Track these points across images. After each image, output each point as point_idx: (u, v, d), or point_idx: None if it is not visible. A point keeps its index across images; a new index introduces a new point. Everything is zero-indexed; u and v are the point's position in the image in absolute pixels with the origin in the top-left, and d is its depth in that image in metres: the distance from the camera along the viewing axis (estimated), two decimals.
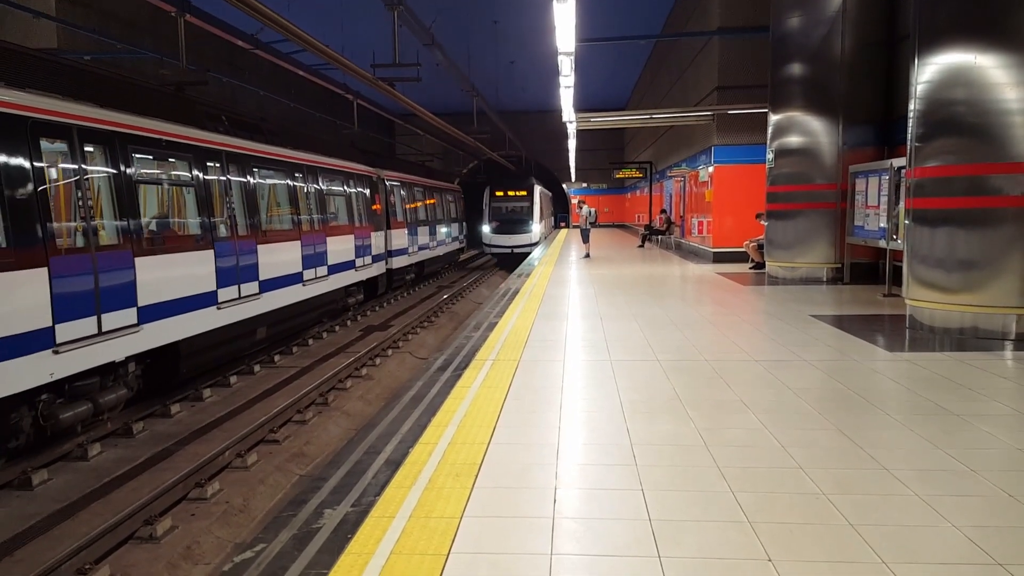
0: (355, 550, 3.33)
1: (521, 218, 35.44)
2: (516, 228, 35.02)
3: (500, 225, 35.39)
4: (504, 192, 36.54)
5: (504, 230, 35.13)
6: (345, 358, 12.66)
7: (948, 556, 3.24)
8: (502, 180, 38.05)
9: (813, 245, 14.36)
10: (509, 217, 35.53)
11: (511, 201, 36.22)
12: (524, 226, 35.06)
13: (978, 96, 8.20)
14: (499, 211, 35.96)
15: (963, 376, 6.60)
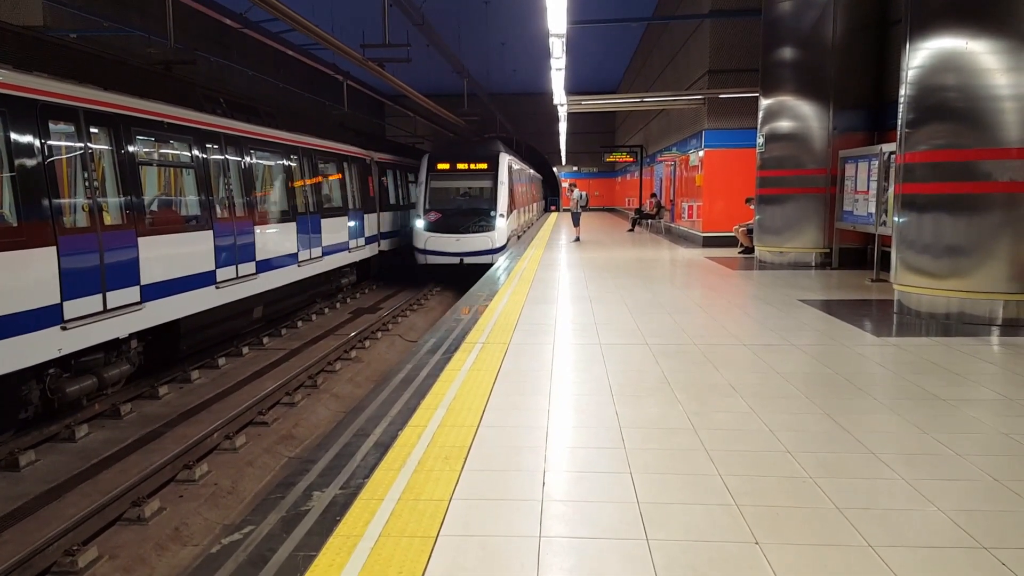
0: (344, 532, 3.33)
1: (477, 207, 20.43)
2: (468, 224, 19.94)
3: (442, 219, 19.98)
4: (451, 165, 21.10)
5: (447, 226, 19.85)
6: (335, 340, 12.65)
7: (934, 539, 3.27)
8: (449, 148, 23.18)
9: (802, 230, 14.40)
10: (457, 205, 20.65)
11: (462, 179, 21.18)
12: (481, 221, 19.99)
13: (969, 82, 8.21)
14: (442, 195, 20.78)
15: (950, 361, 6.65)
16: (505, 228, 20.02)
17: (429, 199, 20.14)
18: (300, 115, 17.35)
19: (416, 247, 19.66)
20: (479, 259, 19.00)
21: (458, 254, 19.33)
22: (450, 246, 19.30)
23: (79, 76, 8.25)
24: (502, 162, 20.84)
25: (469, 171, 20.86)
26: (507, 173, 20.94)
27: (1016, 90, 7.96)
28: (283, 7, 11.34)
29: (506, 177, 20.74)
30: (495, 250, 19.28)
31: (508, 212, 20.62)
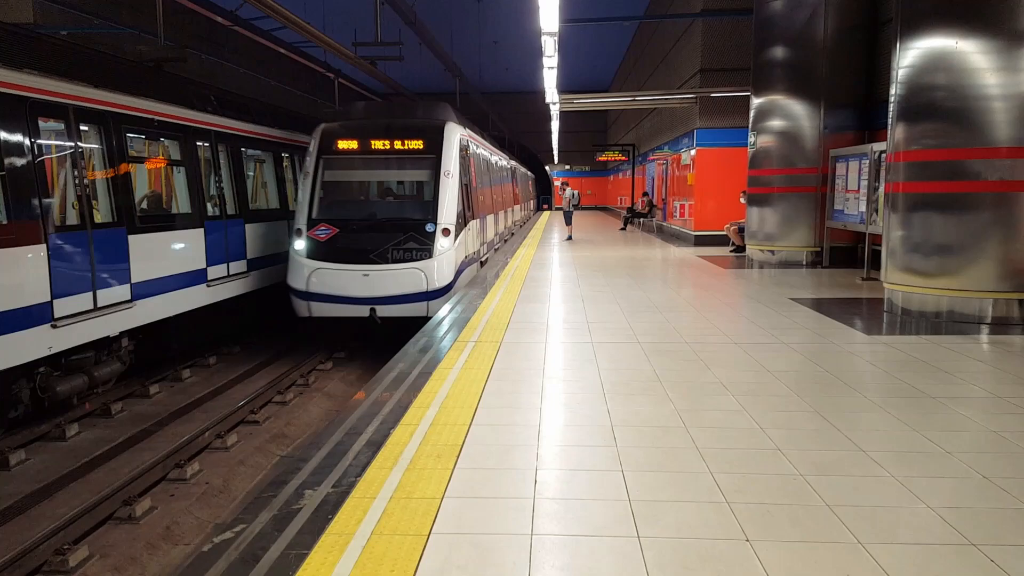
0: (336, 530, 3.33)
1: (403, 217, 11.84)
2: (385, 247, 11.21)
3: (339, 238, 11.36)
4: (361, 144, 12.29)
5: (348, 251, 11.24)
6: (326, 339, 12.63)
7: (923, 536, 3.29)
8: (360, 115, 13.11)
9: (793, 229, 14.45)
10: (367, 214, 11.96)
11: (379, 167, 12.57)
12: (410, 241, 11.32)
13: (959, 81, 8.25)
14: (342, 196, 12.44)
15: (940, 359, 6.68)
16: (452, 253, 11.29)
17: (318, 202, 11.55)
18: (291, 112, 15.29)
19: (293, 287, 10.96)
20: (404, 310, 10.91)
21: (367, 300, 10.81)
22: (353, 286, 10.79)
23: (68, 72, 8.19)
24: (450, 139, 12.08)
25: (391, 154, 12.07)
26: (458, 157, 12.14)
27: (1005, 89, 8.01)
28: (275, 4, 11.31)
29: (455, 164, 11.94)
30: (433, 293, 10.93)
31: (460, 223, 11.98)
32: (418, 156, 12.03)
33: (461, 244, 12.07)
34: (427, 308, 10.86)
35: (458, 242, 11.73)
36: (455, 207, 11.64)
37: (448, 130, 12.24)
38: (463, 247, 12.29)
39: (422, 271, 10.88)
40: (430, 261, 10.98)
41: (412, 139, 12.01)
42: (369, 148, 12.01)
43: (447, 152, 11.93)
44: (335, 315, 11.04)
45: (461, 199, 12.19)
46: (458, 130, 12.65)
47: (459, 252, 11.87)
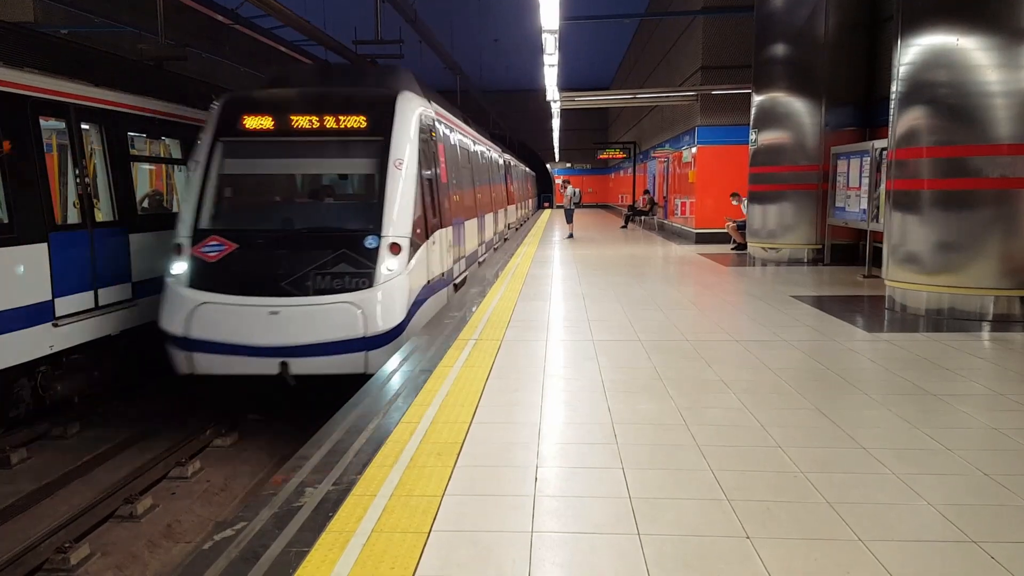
0: (336, 528, 3.33)
1: (330, 227, 8.29)
2: (303, 271, 7.68)
3: (236, 258, 7.89)
4: (277, 121, 8.63)
5: (249, 277, 7.72)
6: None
7: (924, 534, 3.29)
8: (279, 84, 9.55)
9: (795, 226, 14.43)
10: (282, 221, 8.49)
11: (301, 154, 8.81)
12: (340, 263, 7.77)
13: (960, 78, 8.23)
14: (247, 193, 9.07)
15: (941, 356, 6.67)
16: (405, 279, 8.04)
17: (210, 206, 8.41)
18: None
19: (168, 330, 7.71)
20: (331, 364, 7.62)
21: (275, 351, 7.55)
22: (255, 330, 7.57)
23: (69, 72, 8.20)
24: (404, 115, 8.84)
25: (320, 136, 8.72)
26: (417, 142, 8.92)
27: (1006, 86, 7.99)
28: (275, 3, 11.30)
29: (412, 151, 8.72)
30: (374, 340, 7.66)
31: (421, 234, 8.75)
32: (359, 139, 8.57)
33: (421, 264, 8.52)
34: (365, 362, 7.41)
35: (416, 262, 8.25)
36: (411, 212, 8.23)
37: (403, 104, 8.73)
38: (424, 268, 8.68)
39: (358, 307, 7.43)
40: (370, 292, 7.53)
41: (350, 115, 8.50)
42: (289, 128, 8.53)
43: (400, 133, 8.48)
44: (229, 372, 7.52)
45: (422, 200, 8.74)
46: (417, 104, 9.16)
47: (417, 276, 8.32)
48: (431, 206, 9.40)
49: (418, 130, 8.94)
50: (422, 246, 8.67)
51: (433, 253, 9.30)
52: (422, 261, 8.66)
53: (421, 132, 9.08)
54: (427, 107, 9.95)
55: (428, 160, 9.46)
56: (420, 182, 8.77)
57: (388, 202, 8.14)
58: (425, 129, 9.45)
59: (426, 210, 9.01)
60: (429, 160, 9.53)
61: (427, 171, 9.32)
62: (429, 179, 9.42)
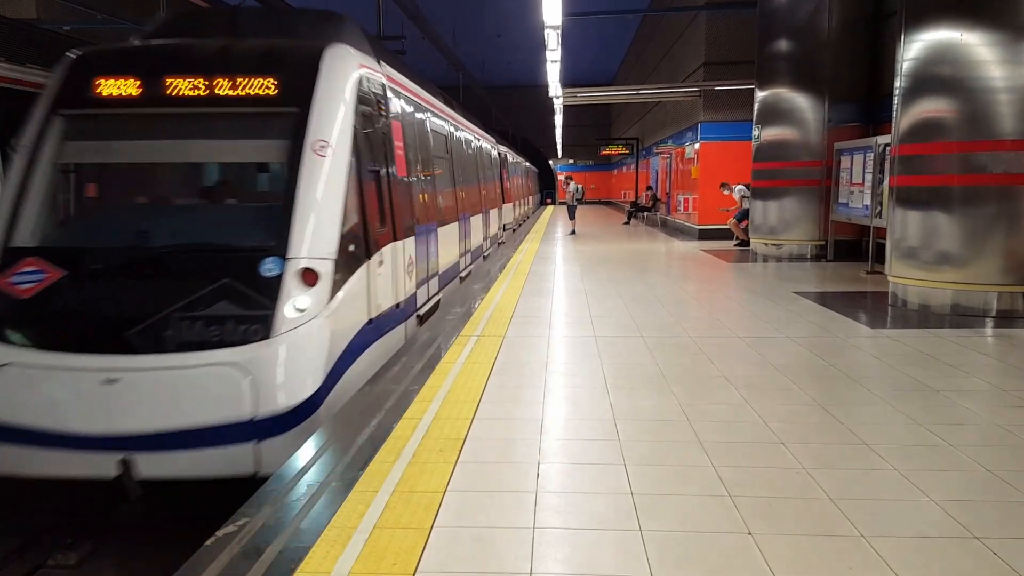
0: (338, 524, 3.33)
1: (209, 249, 5.45)
2: (153, 319, 4.88)
3: (58, 294, 5.13)
4: (148, 86, 5.76)
5: (68, 328, 4.97)
6: None
7: (926, 530, 3.28)
8: (158, 31, 6.84)
9: (798, 222, 14.41)
10: (132, 239, 5.54)
11: (177, 136, 5.94)
12: (220, 305, 5.00)
13: (964, 74, 8.20)
14: (89, 196, 6.26)
15: (944, 352, 6.66)
16: (324, 324, 5.24)
17: (33, 211, 5.60)
18: None
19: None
20: (198, 462, 4.70)
21: (114, 441, 4.60)
22: (81, 408, 4.64)
23: None
24: (332, 77, 6.03)
25: (203, 106, 5.87)
26: (352, 116, 6.11)
27: (1011, 82, 7.96)
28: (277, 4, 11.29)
29: (344, 128, 5.94)
30: (267, 424, 4.75)
31: (358, 252, 6.04)
32: (262, 111, 5.88)
33: (356, 297, 5.92)
34: (255, 458, 4.74)
35: (347, 294, 5.66)
36: (338, 219, 5.59)
37: (333, 61, 6.08)
38: (362, 301, 6.04)
39: (244, 371, 4.79)
40: (266, 347, 4.91)
41: (253, 76, 5.81)
42: (160, 96, 5.82)
43: (325, 103, 5.83)
44: (37, 474, 4.86)
45: (359, 202, 6.11)
46: (356, 63, 6.40)
47: (348, 315, 5.72)
48: (378, 210, 6.56)
49: (356, 100, 6.13)
50: (360, 269, 5.90)
51: (379, 277, 6.38)
52: (358, 292, 5.89)
53: (363, 103, 6.33)
54: (375, 69, 6.99)
55: (374, 144, 6.63)
56: (357, 175, 6.03)
57: (301, 205, 5.33)
58: (370, 99, 6.61)
59: (368, 216, 6.19)
60: (376, 144, 6.70)
61: (371, 160, 6.52)
62: (375, 171, 6.58)
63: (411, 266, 7.71)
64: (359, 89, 6.33)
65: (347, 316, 5.68)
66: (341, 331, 5.51)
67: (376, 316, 6.34)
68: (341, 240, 5.58)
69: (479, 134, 17.20)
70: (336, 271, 5.44)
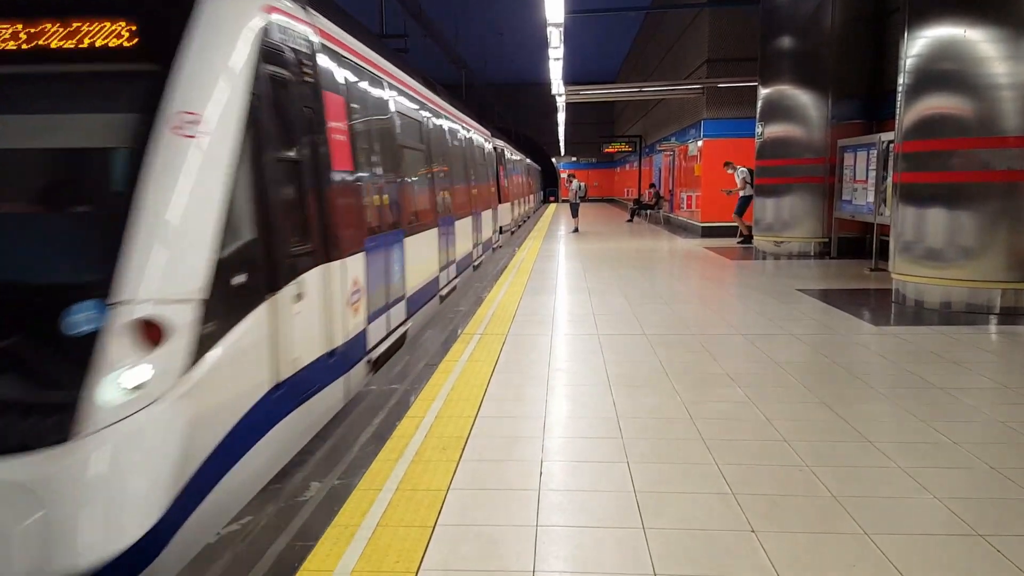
0: (342, 522, 3.34)
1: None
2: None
3: None
4: None
5: None
6: None
7: (929, 527, 3.28)
8: None
9: (801, 220, 14.40)
10: None
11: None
12: (5, 419, 2.98)
13: (967, 70, 8.19)
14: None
15: (948, 350, 6.65)
16: (169, 415, 3.23)
17: None
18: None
19: None
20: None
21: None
22: None
23: None
24: (218, 21, 3.97)
25: (20, 63, 3.86)
26: (249, 80, 4.07)
27: (1014, 78, 7.94)
28: None
29: (235, 96, 3.94)
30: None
31: (249, 286, 3.94)
32: (104, 71, 3.94)
33: (250, 355, 3.97)
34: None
35: (229, 353, 3.70)
36: (212, 234, 3.68)
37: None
38: (261, 360, 4.08)
39: (29, 494, 2.92)
40: (64, 455, 3.00)
41: (89, 19, 3.89)
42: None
43: (198, 58, 3.87)
44: None
45: (260, 206, 4.16)
46: (257, 4, 4.41)
47: (228, 387, 3.74)
48: (296, 219, 4.68)
49: (258, 57, 4.25)
50: (256, 311, 4.00)
51: (297, 317, 4.46)
52: (252, 345, 3.96)
53: (271, 63, 4.44)
54: (297, 17, 5.00)
55: (290, 124, 4.70)
56: (255, 168, 4.12)
57: (145, 214, 3.49)
58: (285, 59, 4.67)
59: (274, 229, 4.26)
60: (294, 124, 4.75)
61: (284, 145, 4.57)
62: (290, 163, 4.65)
63: (357, 294, 5.64)
64: (264, 42, 4.31)
65: (227, 387, 3.68)
66: (213, 414, 3.52)
67: (291, 376, 4.27)
68: (218, 268, 3.62)
69: (469, 125, 15.05)
70: (206, 319, 3.47)
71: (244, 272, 3.90)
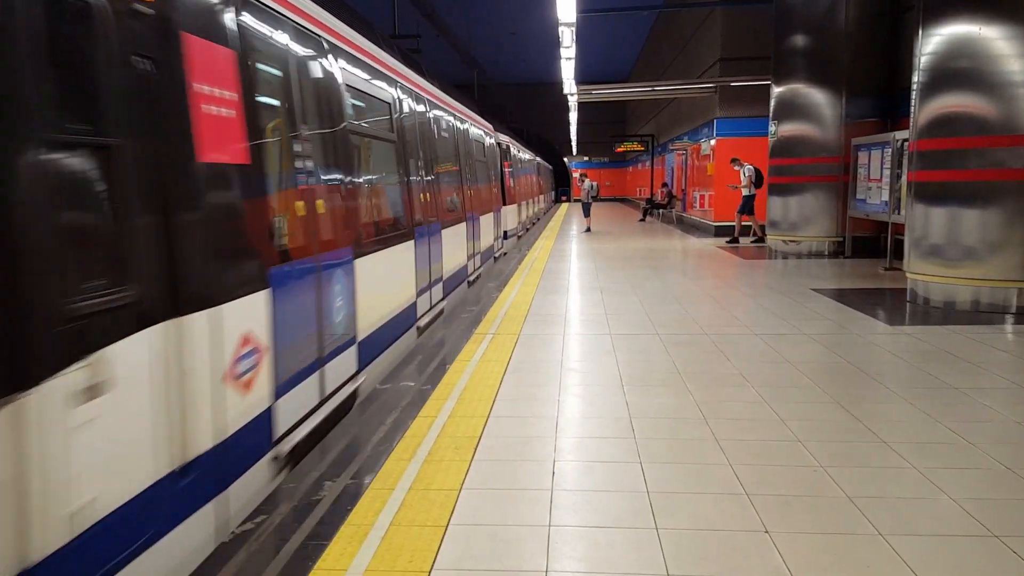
0: (355, 521, 3.35)
1: None
2: None
3: None
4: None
5: None
6: None
7: (945, 528, 3.26)
8: None
9: (815, 219, 14.32)
10: None
11: None
12: None
13: (983, 68, 8.13)
14: None
15: (963, 349, 6.60)
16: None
17: None
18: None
19: None
20: None
21: None
22: None
23: None
24: None
25: None
26: None
27: None
28: None
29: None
30: None
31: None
32: None
33: None
34: None
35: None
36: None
37: None
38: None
39: None
40: None
41: None
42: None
43: None
44: None
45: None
46: None
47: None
48: (101, 243, 2.74)
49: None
50: None
51: (82, 434, 2.46)
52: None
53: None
54: None
55: (83, 73, 2.68)
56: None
57: None
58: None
59: (35, 267, 2.32)
60: (91, 75, 2.70)
61: (68, 112, 2.60)
62: (92, 147, 2.69)
63: (253, 357, 3.73)
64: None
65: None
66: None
67: (74, 540, 2.43)
68: None
69: (465, 116, 13.01)
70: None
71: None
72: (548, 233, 21.42)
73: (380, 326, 6.20)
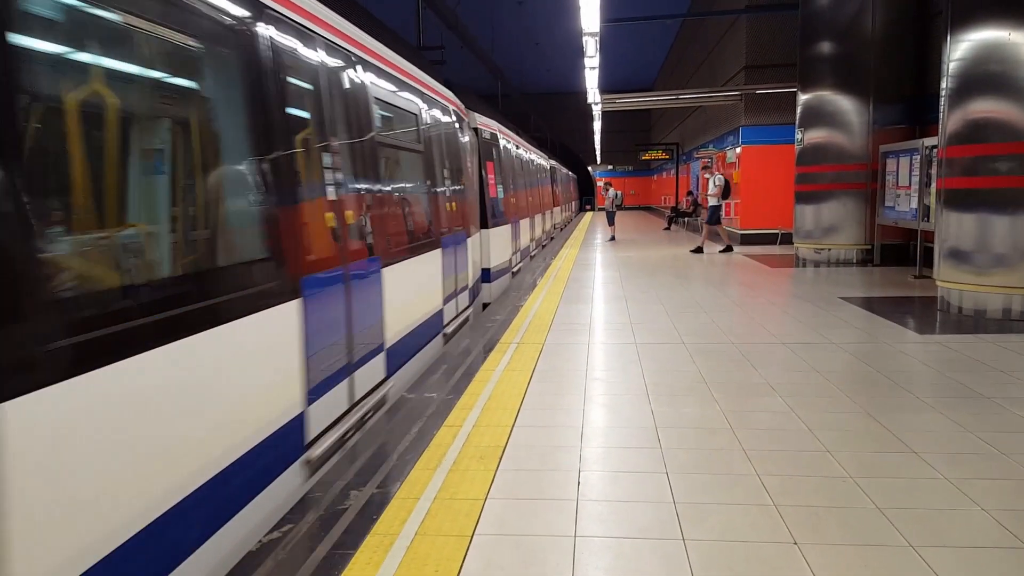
0: (380, 531, 3.36)
1: None
2: None
3: None
4: None
5: None
6: None
7: (977, 539, 3.21)
8: None
9: (843, 226, 14.19)
10: None
11: None
12: None
13: (1012, 73, 8.03)
14: None
15: (995, 358, 6.50)
16: None
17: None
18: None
19: None
20: None
21: None
22: None
23: None
24: None
25: None
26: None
27: None
28: None
29: None
30: None
31: None
32: None
33: None
34: None
35: None
36: None
37: None
38: None
39: None
40: None
41: None
42: None
43: None
44: None
45: None
46: None
47: None
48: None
49: None
50: None
51: None
52: None
53: None
54: None
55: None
56: None
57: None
58: None
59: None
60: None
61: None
62: None
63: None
64: None
65: None
66: None
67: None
68: None
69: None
70: None
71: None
72: (572, 242, 21.42)
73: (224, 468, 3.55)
